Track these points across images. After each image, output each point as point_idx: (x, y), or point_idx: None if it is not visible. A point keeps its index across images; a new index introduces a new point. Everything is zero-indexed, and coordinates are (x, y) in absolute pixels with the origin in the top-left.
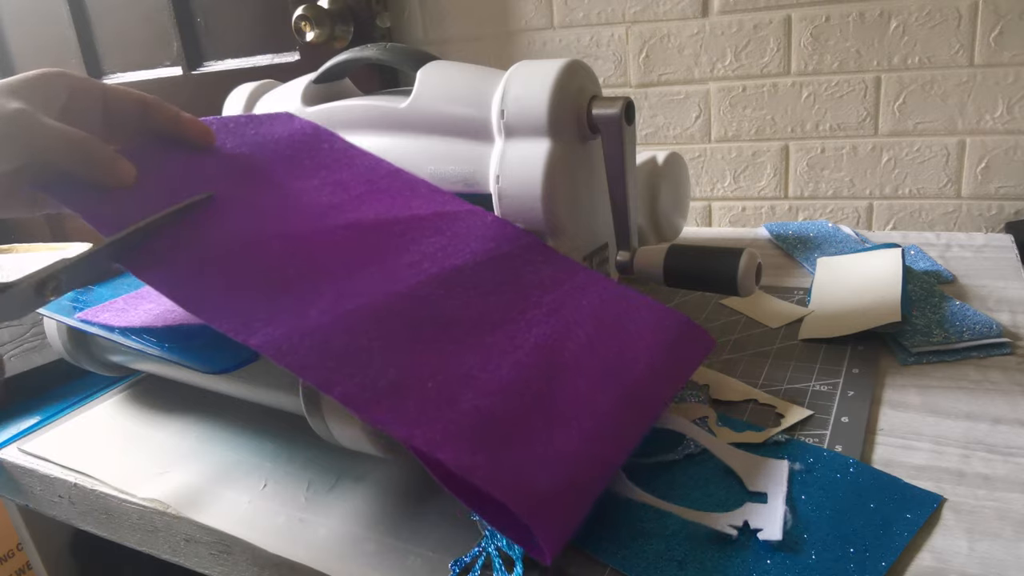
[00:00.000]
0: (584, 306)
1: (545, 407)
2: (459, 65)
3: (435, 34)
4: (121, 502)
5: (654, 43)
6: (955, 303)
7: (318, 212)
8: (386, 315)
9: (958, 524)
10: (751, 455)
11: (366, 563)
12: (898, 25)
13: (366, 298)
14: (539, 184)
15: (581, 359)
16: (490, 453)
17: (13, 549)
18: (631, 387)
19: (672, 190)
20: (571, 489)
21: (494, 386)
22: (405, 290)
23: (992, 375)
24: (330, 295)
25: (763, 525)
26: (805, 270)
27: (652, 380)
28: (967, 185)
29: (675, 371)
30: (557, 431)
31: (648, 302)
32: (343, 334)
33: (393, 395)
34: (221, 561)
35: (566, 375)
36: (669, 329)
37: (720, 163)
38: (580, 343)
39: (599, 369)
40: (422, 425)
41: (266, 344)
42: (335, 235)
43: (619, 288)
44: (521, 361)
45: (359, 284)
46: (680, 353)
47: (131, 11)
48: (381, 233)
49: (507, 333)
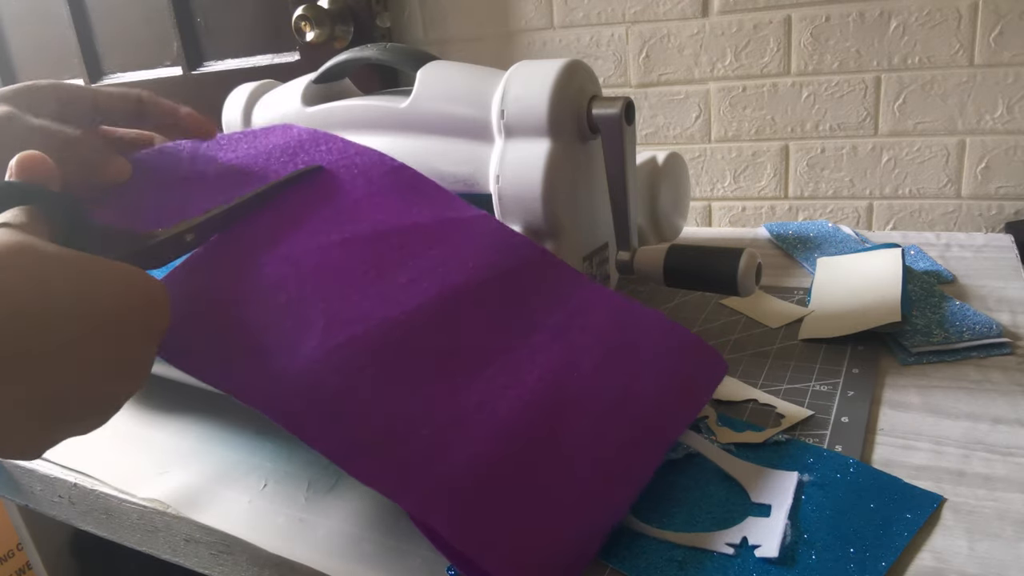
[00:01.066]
0: (591, 327)
1: (546, 452)
2: (459, 65)
3: (435, 34)
4: (121, 502)
5: (654, 43)
6: (955, 303)
7: (312, 229)
8: (379, 348)
9: (958, 524)
10: (757, 467)
11: (366, 563)
12: (898, 25)
13: (360, 326)
14: (539, 184)
15: (587, 393)
16: (482, 517)
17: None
18: (640, 420)
19: (672, 190)
20: (570, 547)
21: (491, 429)
22: (401, 316)
23: (992, 375)
24: (321, 324)
25: (762, 541)
26: (805, 270)
27: (662, 411)
28: (967, 185)
29: (687, 399)
30: (558, 480)
31: (658, 318)
32: (332, 375)
33: (377, 450)
34: (221, 561)
35: (571, 414)
36: (682, 352)
37: (720, 163)
38: (587, 374)
39: (606, 403)
40: (410, 487)
41: (246, 392)
42: (329, 254)
43: (628, 303)
44: (523, 397)
45: (353, 309)
46: (693, 379)
47: (131, 11)
48: (378, 247)
49: (509, 363)
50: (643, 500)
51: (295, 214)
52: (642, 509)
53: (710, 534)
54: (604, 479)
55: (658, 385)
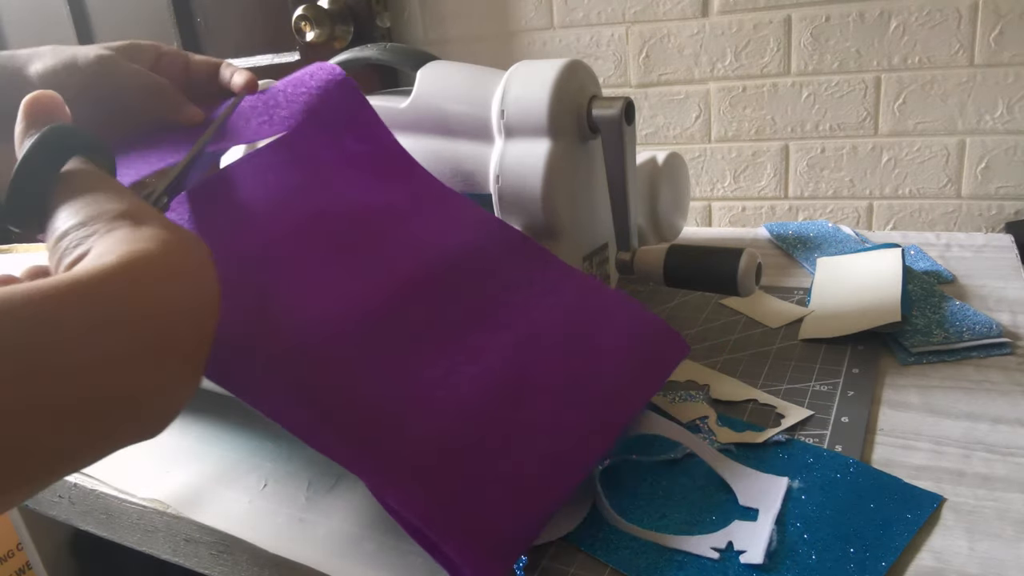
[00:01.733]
0: (556, 306)
1: (503, 431)
2: (459, 65)
3: (435, 34)
4: (121, 502)
5: (654, 43)
6: (955, 303)
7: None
8: (346, 329)
9: (958, 524)
10: (748, 470)
11: (366, 563)
12: (898, 25)
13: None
14: (539, 184)
15: (548, 372)
16: (438, 493)
17: (13, 549)
18: (599, 398)
19: (672, 190)
20: (520, 520)
21: (452, 407)
22: (369, 295)
23: (992, 375)
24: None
25: (747, 546)
26: (805, 270)
27: (622, 389)
28: (967, 185)
29: (647, 378)
30: (512, 456)
31: (622, 299)
32: (296, 351)
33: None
34: (221, 561)
35: (529, 393)
36: (644, 335)
37: (720, 163)
38: (547, 354)
39: (567, 381)
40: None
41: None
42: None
43: (593, 284)
44: (484, 377)
45: (320, 289)
46: (654, 359)
47: (131, 11)
48: (349, 225)
49: (471, 342)
50: (636, 500)
51: (265, 180)
52: (635, 509)
53: (696, 537)
54: (560, 457)
55: (617, 366)
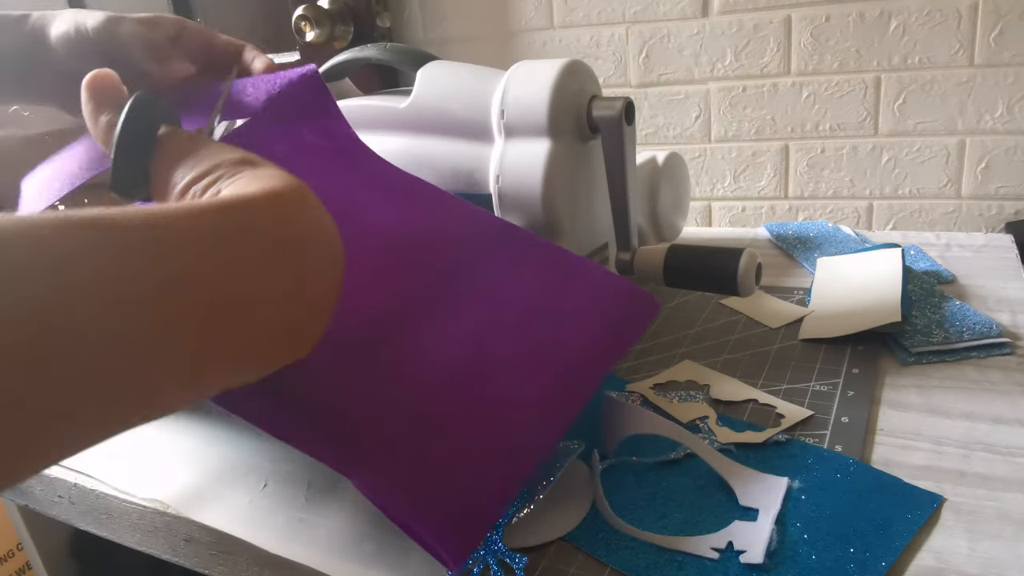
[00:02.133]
0: (520, 279)
1: (467, 406)
2: (459, 65)
3: (435, 34)
4: (121, 502)
5: (654, 43)
6: (955, 303)
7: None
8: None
9: (958, 524)
10: (749, 470)
11: (366, 563)
12: (898, 25)
13: None
14: (539, 184)
15: (510, 347)
16: (403, 471)
17: (13, 549)
18: (562, 370)
19: (672, 190)
20: (485, 494)
21: (411, 384)
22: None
23: (992, 375)
24: None
25: (747, 546)
26: (805, 270)
27: (588, 356)
28: (967, 185)
29: (614, 341)
30: (475, 432)
31: (591, 267)
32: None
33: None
34: (221, 561)
35: (491, 368)
36: (609, 296)
37: (720, 163)
38: (510, 328)
39: (530, 353)
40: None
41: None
42: None
43: (561, 254)
44: (449, 355)
45: None
46: (622, 319)
47: (131, 11)
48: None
49: (436, 316)
50: (636, 500)
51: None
52: (635, 509)
53: (695, 538)
54: (524, 431)
55: (582, 332)
